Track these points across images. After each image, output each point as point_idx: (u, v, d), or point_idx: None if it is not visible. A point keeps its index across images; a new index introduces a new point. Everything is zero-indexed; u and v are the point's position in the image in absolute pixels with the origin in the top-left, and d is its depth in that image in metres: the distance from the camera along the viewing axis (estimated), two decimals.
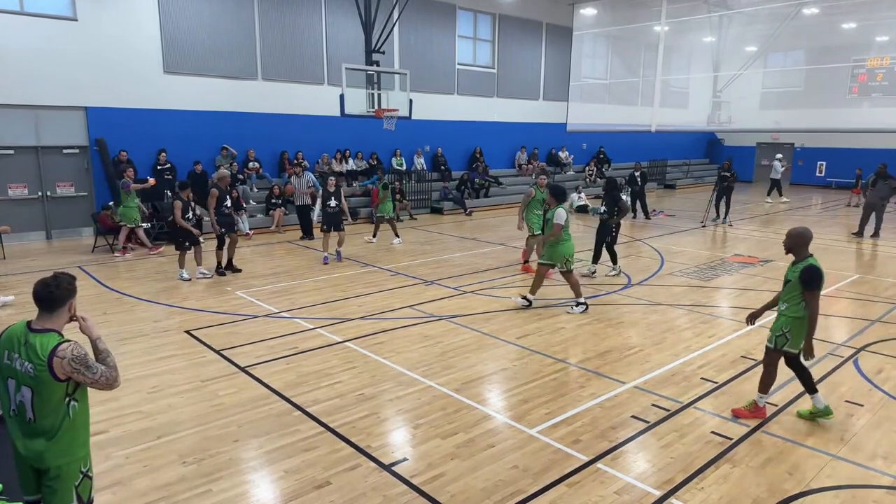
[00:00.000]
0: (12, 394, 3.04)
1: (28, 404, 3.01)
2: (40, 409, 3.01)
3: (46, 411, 3.02)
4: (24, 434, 3.06)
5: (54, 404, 3.02)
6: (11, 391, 3.04)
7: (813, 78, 19.95)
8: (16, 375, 3.00)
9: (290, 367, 6.58)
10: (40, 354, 2.95)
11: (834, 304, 9.26)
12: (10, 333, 3.07)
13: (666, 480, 4.48)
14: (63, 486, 3.11)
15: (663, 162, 28.57)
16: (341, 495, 4.28)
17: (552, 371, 6.53)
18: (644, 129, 19.76)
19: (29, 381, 2.98)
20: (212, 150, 15.84)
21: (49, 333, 3.03)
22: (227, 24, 15.87)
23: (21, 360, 2.98)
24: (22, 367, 2.98)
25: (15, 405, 3.05)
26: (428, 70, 20.13)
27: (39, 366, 2.94)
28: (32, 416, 3.02)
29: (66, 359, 2.96)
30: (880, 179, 14.95)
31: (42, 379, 2.95)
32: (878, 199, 14.72)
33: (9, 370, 3.03)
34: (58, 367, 2.95)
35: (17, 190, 13.55)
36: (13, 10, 12.92)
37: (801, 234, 5.20)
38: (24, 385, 2.99)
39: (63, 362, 2.95)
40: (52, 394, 2.99)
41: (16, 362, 3.00)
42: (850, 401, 5.84)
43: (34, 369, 2.95)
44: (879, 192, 14.75)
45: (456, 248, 13.53)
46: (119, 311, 8.67)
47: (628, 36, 22.19)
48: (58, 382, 2.98)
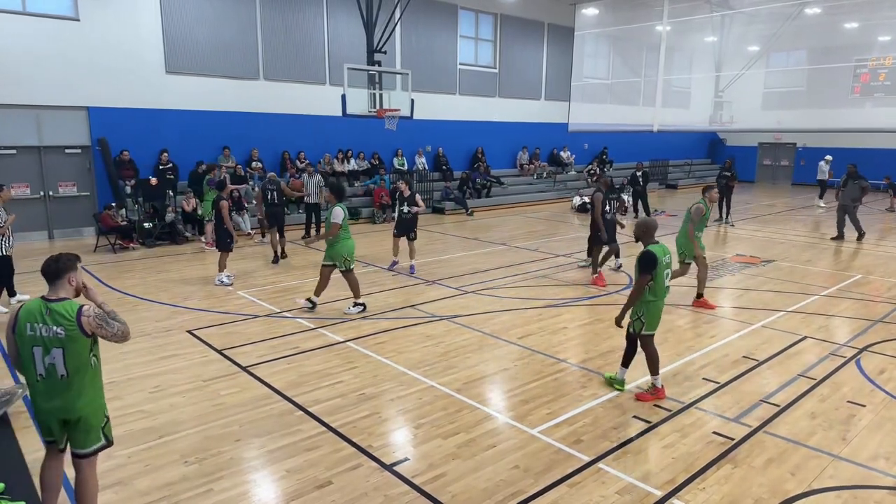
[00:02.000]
0: (39, 360, 3.46)
1: (60, 363, 3.46)
2: (72, 364, 3.47)
3: (76, 366, 3.48)
4: (57, 392, 3.50)
5: (83, 359, 3.50)
6: (38, 358, 3.46)
7: (815, 78, 19.93)
8: (42, 342, 3.43)
9: (291, 366, 6.59)
10: (68, 316, 3.43)
11: (837, 304, 9.24)
12: (29, 308, 3.49)
13: (668, 481, 4.47)
14: (93, 429, 3.64)
15: (665, 162, 28.55)
16: (343, 495, 4.28)
17: (553, 371, 6.53)
18: (646, 129, 19.75)
19: (58, 343, 3.43)
20: (214, 151, 15.85)
21: (67, 300, 3.51)
22: (228, 24, 15.89)
23: (47, 327, 3.42)
24: (49, 333, 3.42)
25: (43, 369, 3.47)
26: (429, 70, 20.13)
27: (70, 326, 3.42)
28: (66, 372, 3.48)
29: (90, 317, 3.47)
30: (850, 180, 14.84)
31: (73, 337, 3.43)
32: (849, 200, 14.58)
33: (33, 340, 3.44)
34: (86, 324, 3.45)
35: (19, 190, 13.56)
36: (15, 10, 12.94)
37: (645, 223, 5.77)
38: (54, 347, 3.43)
39: (89, 319, 3.46)
40: (81, 349, 3.48)
41: (40, 330, 3.42)
42: (853, 401, 5.83)
43: (65, 330, 3.42)
44: (850, 193, 14.57)
45: (457, 248, 13.53)
46: (121, 310, 8.64)
47: (630, 36, 22.18)
48: (85, 338, 3.48)
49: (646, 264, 5.48)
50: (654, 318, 5.70)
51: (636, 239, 5.79)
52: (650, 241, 5.65)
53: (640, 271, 5.52)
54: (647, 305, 5.65)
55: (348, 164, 18.51)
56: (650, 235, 5.67)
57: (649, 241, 5.65)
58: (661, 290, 5.64)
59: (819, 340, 7.55)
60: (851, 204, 14.52)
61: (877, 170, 26.56)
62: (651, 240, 5.66)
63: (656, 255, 5.49)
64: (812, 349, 7.26)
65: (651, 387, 5.85)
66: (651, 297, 5.62)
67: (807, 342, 7.49)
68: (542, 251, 13.14)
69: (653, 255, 5.48)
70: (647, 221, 5.75)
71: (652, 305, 5.65)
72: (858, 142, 26.18)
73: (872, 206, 22.17)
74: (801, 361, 6.86)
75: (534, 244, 13.98)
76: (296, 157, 17.26)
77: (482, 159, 21.79)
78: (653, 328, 5.73)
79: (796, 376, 6.43)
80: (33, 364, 3.48)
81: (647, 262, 5.48)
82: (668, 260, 5.71)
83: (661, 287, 5.62)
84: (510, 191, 21.88)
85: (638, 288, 5.54)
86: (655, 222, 5.77)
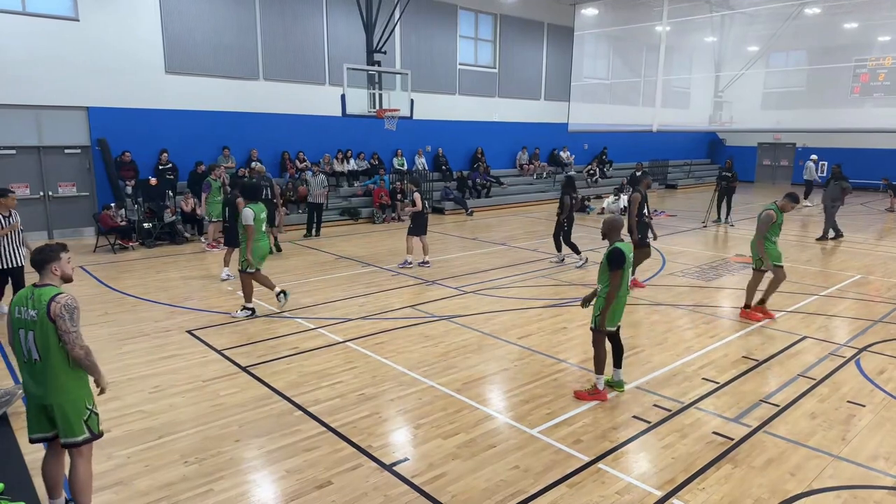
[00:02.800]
0: (23, 342, 3.67)
1: (33, 346, 3.64)
2: (42, 348, 3.61)
3: (46, 350, 3.61)
4: (33, 375, 3.68)
5: (51, 345, 3.61)
6: (22, 339, 3.68)
7: (815, 78, 19.93)
8: (24, 324, 3.64)
9: (291, 366, 6.59)
10: (43, 300, 3.61)
11: (836, 304, 9.24)
12: (21, 293, 3.76)
13: (667, 481, 4.47)
14: (72, 419, 3.71)
15: (665, 162, 28.56)
16: (342, 495, 4.28)
17: (553, 371, 6.53)
18: (645, 129, 19.76)
19: (32, 326, 3.61)
20: (214, 151, 15.84)
21: (50, 286, 3.71)
22: (228, 25, 15.88)
23: (27, 310, 3.64)
24: (27, 315, 3.63)
25: (25, 351, 3.68)
26: (429, 70, 20.13)
27: (41, 309, 3.58)
28: (38, 356, 3.64)
29: (60, 304, 3.59)
30: (833, 180, 14.86)
31: (41, 319, 3.57)
32: (829, 200, 14.61)
33: (19, 322, 3.67)
34: (53, 309, 3.58)
35: (19, 190, 13.53)
36: (15, 10, 12.93)
37: (612, 221, 5.85)
38: (30, 329, 3.63)
39: (57, 306, 3.58)
40: (47, 334, 3.59)
41: (23, 313, 3.65)
42: (852, 401, 5.84)
43: (37, 313, 3.59)
44: (831, 193, 14.63)
45: (457, 249, 13.52)
46: (120, 310, 8.68)
47: (630, 36, 22.18)
48: (50, 322, 3.58)
49: (615, 260, 5.59)
50: (615, 314, 5.79)
51: (603, 237, 5.90)
52: (616, 239, 5.76)
53: (611, 268, 5.62)
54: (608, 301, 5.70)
55: (348, 164, 18.52)
56: (616, 233, 5.80)
57: (616, 238, 5.77)
58: (624, 287, 5.75)
59: (819, 340, 7.55)
60: (831, 204, 14.58)
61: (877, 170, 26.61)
62: (617, 237, 5.78)
63: (624, 252, 5.62)
64: (812, 349, 7.26)
65: (592, 385, 5.88)
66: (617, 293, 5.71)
67: (806, 342, 7.49)
68: (541, 251, 13.15)
69: (621, 252, 5.60)
70: (613, 220, 5.87)
71: (615, 301, 5.71)
72: (858, 142, 26.20)
73: (872, 206, 22.18)
74: (801, 361, 6.86)
75: (533, 244, 13.98)
76: (295, 158, 17.27)
77: (482, 159, 21.79)
78: (612, 323, 5.81)
79: (796, 376, 6.43)
80: (21, 345, 3.70)
81: (616, 258, 5.60)
82: (632, 258, 5.86)
83: (624, 283, 5.73)
84: (510, 191, 21.88)
85: (613, 284, 5.62)
86: (621, 221, 5.90)
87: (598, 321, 5.75)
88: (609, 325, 5.79)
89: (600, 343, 5.83)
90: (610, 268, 5.63)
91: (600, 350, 5.83)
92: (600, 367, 5.84)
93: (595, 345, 5.87)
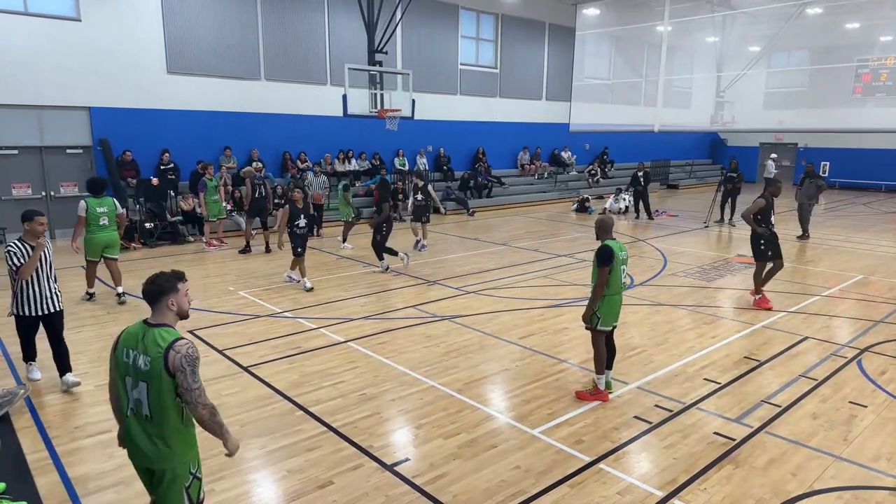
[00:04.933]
0: (129, 391, 3.04)
1: (144, 400, 2.99)
2: (155, 404, 2.98)
3: (160, 407, 2.98)
4: (141, 433, 3.04)
5: (168, 401, 2.98)
6: (129, 389, 3.04)
7: (816, 78, 19.91)
8: (133, 372, 3.01)
9: (292, 366, 6.59)
10: (160, 344, 2.96)
11: (838, 304, 9.23)
12: (130, 332, 3.09)
13: (669, 481, 4.47)
14: (174, 489, 3.10)
15: (666, 162, 28.55)
16: (343, 495, 4.28)
17: (555, 371, 6.53)
18: (647, 129, 19.74)
19: (144, 376, 2.97)
20: (215, 151, 15.86)
21: (166, 327, 3.06)
22: (230, 25, 15.89)
23: (139, 354, 2.99)
24: (139, 362, 2.98)
25: (132, 403, 3.05)
26: (430, 70, 20.13)
27: (156, 357, 2.94)
28: (148, 412, 3.00)
29: (180, 354, 2.95)
30: (808, 179, 14.85)
31: (156, 371, 2.94)
32: (805, 198, 14.59)
33: (126, 368, 3.04)
34: (171, 359, 2.94)
35: (20, 190, 13.59)
36: (17, 10, 12.95)
37: (600, 221, 5.92)
38: (141, 380, 2.98)
39: (177, 357, 2.94)
40: (165, 389, 2.96)
41: (133, 358, 3.01)
42: (854, 402, 5.83)
43: (150, 362, 2.95)
44: (806, 191, 14.63)
45: (458, 249, 13.52)
46: (122, 310, 8.69)
47: (631, 36, 22.17)
48: (168, 377, 2.95)
49: (603, 257, 5.61)
50: (610, 314, 5.78)
51: (596, 237, 5.93)
52: (607, 237, 5.80)
53: (599, 265, 5.64)
54: (602, 300, 5.72)
55: (349, 164, 18.52)
56: (607, 232, 5.84)
57: (606, 237, 5.81)
58: (616, 286, 5.74)
59: (820, 341, 7.54)
60: (807, 202, 14.58)
61: (877, 170, 26.58)
62: (608, 236, 5.82)
63: (613, 249, 5.63)
64: (813, 350, 7.25)
65: (593, 386, 5.87)
66: (606, 291, 5.69)
67: (808, 343, 7.48)
68: (542, 251, 13.14)
69: (610, 249, 5.63)
70: (604, 219, 5.92)
71: (608, 300, 5.73)
72: (859, 142, 26.16)
73: (875, 206, 22.14)
74: (803, 362, 6.85)
75: (535, 244, 13.97)
76: (297, 158, 17.28)
77: (483, 159, 21.79)
78: (608, 324, 5.81)
79: (798, 377, 6.42)
80: (126, 394, 3.08)
81: (604, 255, 5.62)
82: (625, 256, 5.83)
83: (616, 282, 5.72)
84: (511, 191, 21.88)
85: (600, 282, 5.64)
86: (612, 220, 5.94)
87: (592, 321, 5.76)
88: (604, 326, 5.79)
89: (599, 342, 5.83)
90: (598, 264, 5.65)
91: (599, 349, 5.83)
92: (600, 367, 5.83)
93: (594, 344, 5.88)
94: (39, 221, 5.67)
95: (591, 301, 5.73)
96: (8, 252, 5.53)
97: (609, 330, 5.87)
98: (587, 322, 5.84)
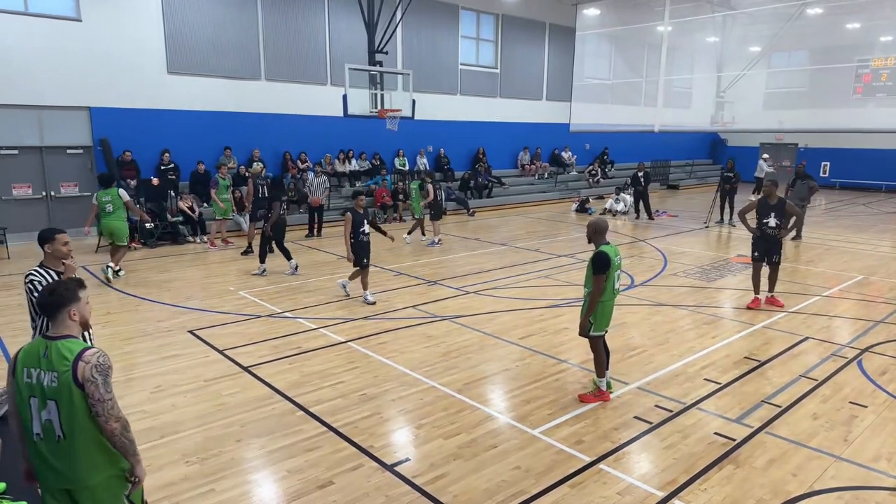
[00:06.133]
0: (35, 414, 2.79)
1: (56, 420, 2.76)
2: (69, 423, 2.75)
3: (75, 426, 2.76)
4: (52, 454, 2.80)
5: (82, 418, 2.76)
6: (34, 411, 2.79)
7: (817, 78, 19.90)
8: (38, 392, 2.77)
9: (293, 366, 6.59)
10: (66, 356, 2.75)
11: (838, 304, 9.23)
12: (28, 350, 2.87)
13: (669, 481, 4.47)
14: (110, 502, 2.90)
15: (666, 162, 28.55)
16: (343, 495, 4.28)
17: (555, 372, 6.53)
18: (647, 129, 19.74)
19: (53, 393, 2.74)
20: (215, 151, 15.86)
21: (70, 339, 2.84)
22: (230, 25, 15.89)
23: (43, 372, 2.76)
24: (44, 379, 2.76)
25: (40, 427, 2.79)
26: (431, 70, 20.13)
27: (63, 371, 2.73)
28: (62, 433, 2.77)
29: (90, 364, 2.75)
30: (799, 180, 14.81)
31: (65, 386, 2.72)
32: (798, 199, 14.54)
33: (29, 388, 2.80)
34: (81, 371, 2.73)
35: (21, 190, 13.59)
36: (18, 10, 12.95)
37: (595, 224, 5.71)
38: (49, 399, 2.75)
39: (87, 367, 2.74)
40: (78, 405, 2.74)
41: (36, 377, 2.78)
42: (854, 402, 5.83)
43: (57, 377, 2.73)
44: (798, 192, 14.55)
45: (459, 249, 13.52)
46: (122, 310, 8.69)
47: (631, 36, 22.16)
48: (79, 389, 2.74)
49: (600, 264, 5.50)
50: (603, 319, 5.74)
51: (588, 240, 5.80)
52: (602, 242, 5.64)
53: (595, 272, 5.54)
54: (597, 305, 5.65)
55: (349, 164, 18.52)
56: (601, 236, 5.67)
57: (601, 241, 5.65)
58: (610, 291, 5.67)
59: (820, 341, 7.54)
60: (800, 203, 14.54)
61: (877, 170, 26.57)
62: (602, 240, 5.66)
63: (609, 256, 5.53)
64: (814, 350, 7.25)
65: (595, 388, 5.87)
66: (601, 297, 5.62)
67: (808, 343, 7.48)
68: (543, 251, 13.14)
69: (606, 256, 5.51)
70: (598, 222, 5.72)
71: (602, 306, 5.67)
72: (860, 142, 26.16)
73: (875, 206, 22.14)
74: (803, 362, 6.85)
75: (535, 244, 13.97)
76: (297, 158, 17.28)
77: (483, 159, 21.79)
78: (601, 328, 5.77)
79: (798, 377, 6.42)
80: (31, 420, 2.81)
81: (600, 262, 5.50)
82: (619, 261, 5.78)
83: (610, 287, 5.66)
84: (511, 191, 21.88)
85: (596, 289, 5.55)
86: (606, 223, 5.77)
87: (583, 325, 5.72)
88: (597, 331, 5.75)
89: (596, 345, 5.81)
90: (594, 272, 5.54)
91: (599, 353, 5.81)
92: (601, 370, 5.82)
93: (593, 349, 5.86)
94: (62, 241, 4.61)
95: (588, 311, 5.65)
96: (31, 284, 4.39)
97: (602, 334, 5.85)
98: (584, 332, 5.78)
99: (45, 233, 4.61)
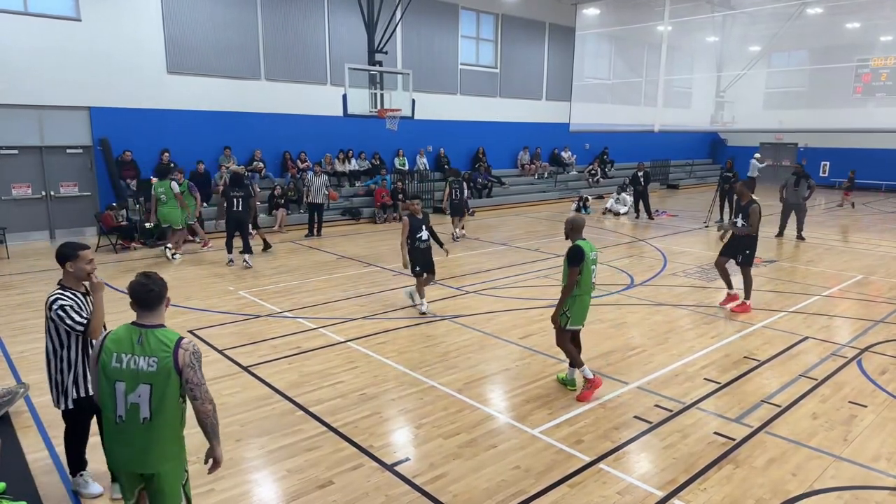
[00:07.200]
0: (121, 397, 2.98)
1: (146, 402, 2.98)
2: (158, 405, 2.98)
3: (163, 408, 2.99)
4: (137, 437, 3.01)
5: (172, 401, 3.01)
6: (120, 395, 2.98)
7: (817, 78, 19.91)
8: (129, 376, 2.97)
9: (292, 366, 6.59)
10: (166, 343, 2.98)
11: (838, 304, 9.23)
12: (116, 337, 3.03)
13: (668, 481, 4.47)
14: (174, 488, 3.15)
15: (666, 162, 28.53)
16: (343, 495, 4.28)
17: (555, 371, 6.52)
18: (647, 129, 19.73)
19: (148, 378, 2.96)
20: (215, 150, 15.87)
21: (163, 328, 3.06)
22: (230, 25, 15.89)
23: (137, 357, 2.97)
24: (139, 365, 2.96)
25: (124, 410, 2.99)
26: (431, 70, 20.13)
27: (164, 357, 2.95)
28: (149, 414, 2.99)
29: (188, 351, 3.00)
30: (801, 179, 14.85)
31: (164, 370, 2.95)
32: (801, 199, 14.55)
33: (118, 373, 2.98)
34: (181, 357, 2.98)
35: (20, 190, 13.59)
36: (17, 10, 12.95)
37: (571, 221, 5.87)
38: (143, 382, 2.96)
39: (186, 354, 2.99)
40: (171, 388, 2.98)
41: (130, 362, 2.97)
42: (854, 402, 5.83)
43: (158, 362, 2.95)
44: (802, 192, 14.57)
45: (458, 248, 13.52)
46: (122, 310, 8.66)
47: (631, 36, 22.16)
48: (177, 376, 2.98)
49: (574, 257, 5.65)
50: (579, 313, 5.83)
51: (566, 236, 5.91)
52: (578, 237, 5.80)
53: (570, 264, 5.67)
54: (573, 300, 5.76)
55: (349, 164, 18.53)
56: (578, 232, 5.83)
57: (577, 237, 5.81)
58: (587, 285, 5.77)
59: (820, 341, 7.54)
60: (803, 202, 14.56)
61: (877, 170, 26.57)
62: (579, 236, 5.82)
63: (584, 250, 5.66)
64: (813, 349, 7.25)
65: (584, 380, 5.90)
66: (577, 291, 5.73)
67: (808, 342, 7.48)
68: (542, 251, 13.14)
69: (580, 249, 5.65)
70: (575, 219, 5.89)
71: (578, 300, 5.77)
72: (860, 142, 26.16)
73: (875, 206, 22.14)
74: (803, 362, 6.85)
75: (534, 244, 13.97)
76: (297, 158, 17.29)
77: (483, 159, 21.79)
78: (578, 323, 5.86)
79: (797, 377, 6.42)
80: (114, 402, 3.00)
81: (575, 255, 5.65)
82: (595, 256, 5.87)
83: (587, 282, 5.76)
84: (511, 191, 21.88)
85: (570, 281, 5.68)
86: (583, 220, 5.93)
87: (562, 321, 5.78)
88: (573, 325, 5.84)
89: (565, 342, 5.89)
90: (569, 264, 5.68)
91: (567, 349, 5.90)
92: (576, 361, 5.88)
93: (560, 345, 5.95)
94: (86, 258, 4.04)
95: (561, 300, 5.79)
96: (62, 311, 3.95)
97: (577, 330, 5.92)
98: (556, 322, 5.87)
99: (66, 249, 4.03)
